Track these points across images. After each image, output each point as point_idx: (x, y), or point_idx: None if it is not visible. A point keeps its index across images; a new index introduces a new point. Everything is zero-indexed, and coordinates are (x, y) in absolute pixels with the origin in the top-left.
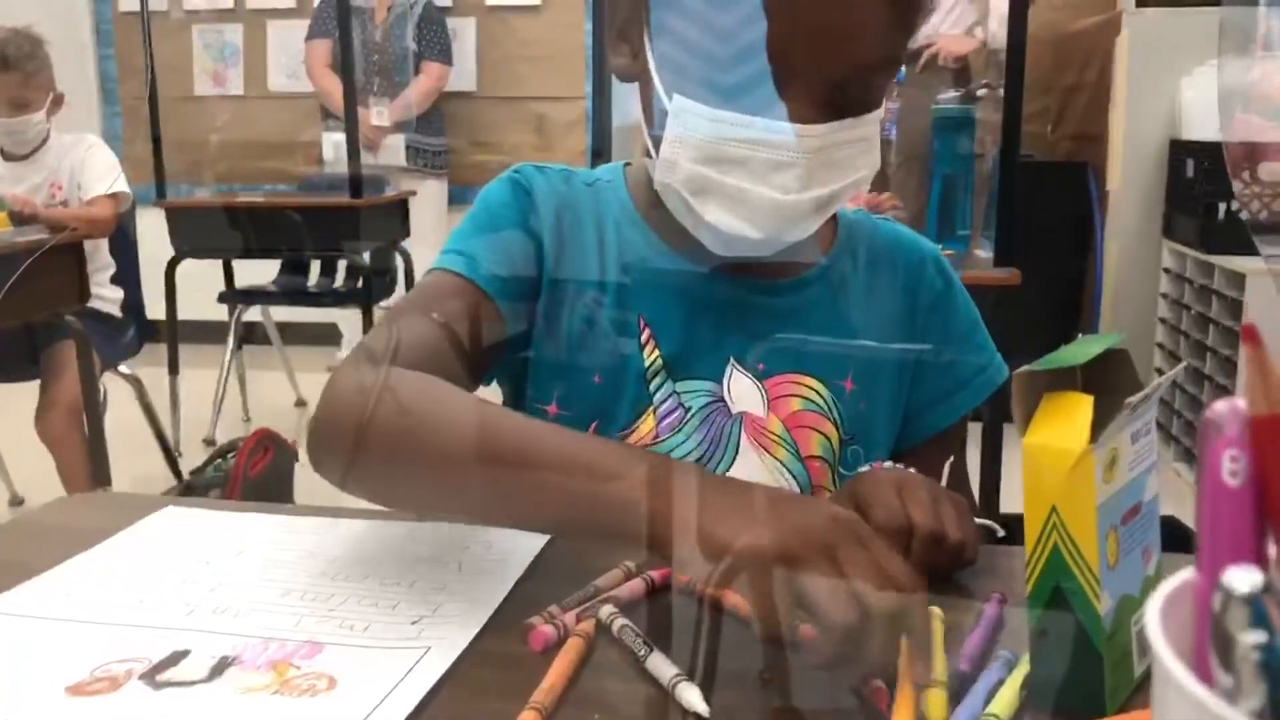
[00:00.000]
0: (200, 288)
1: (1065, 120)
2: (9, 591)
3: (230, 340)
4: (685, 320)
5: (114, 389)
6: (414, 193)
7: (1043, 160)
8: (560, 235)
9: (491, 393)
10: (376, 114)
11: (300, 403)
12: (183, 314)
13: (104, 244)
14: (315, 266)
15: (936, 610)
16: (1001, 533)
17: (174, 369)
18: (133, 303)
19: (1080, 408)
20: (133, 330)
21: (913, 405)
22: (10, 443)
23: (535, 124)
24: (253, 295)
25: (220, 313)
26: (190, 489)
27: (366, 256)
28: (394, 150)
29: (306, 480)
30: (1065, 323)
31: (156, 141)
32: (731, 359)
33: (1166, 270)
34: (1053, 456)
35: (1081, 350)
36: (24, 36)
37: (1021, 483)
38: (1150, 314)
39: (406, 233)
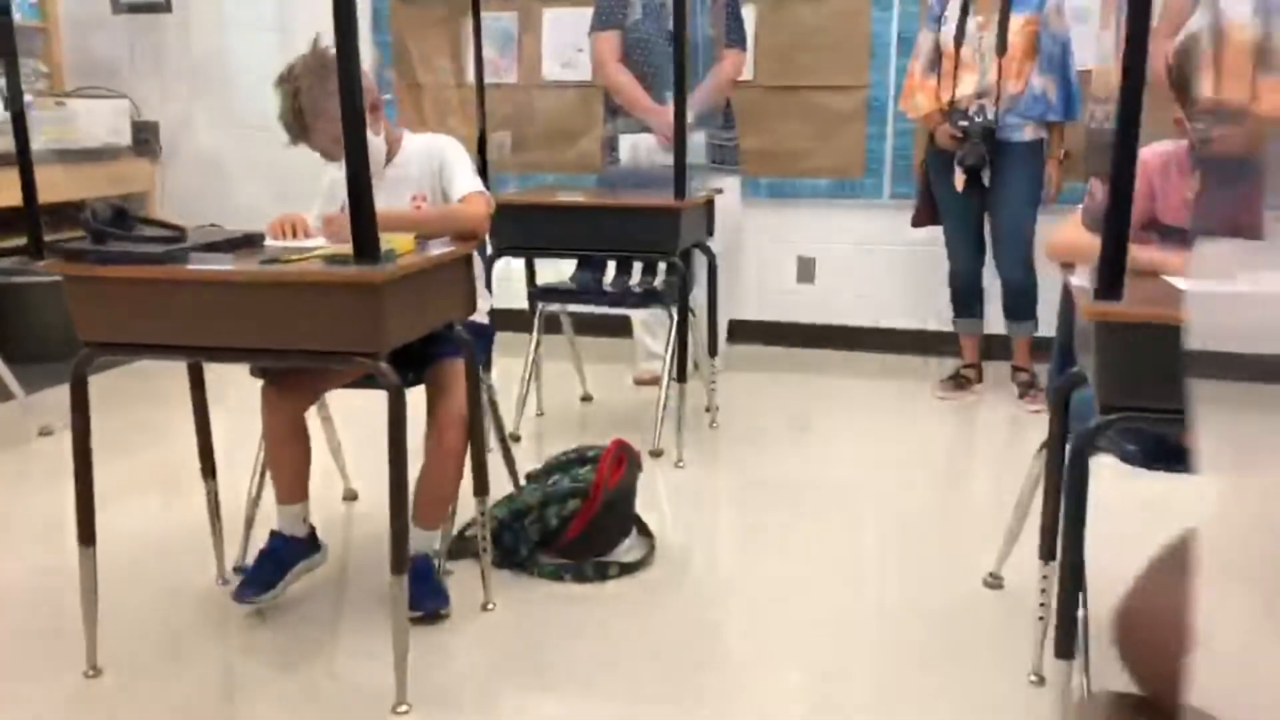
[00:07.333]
0: (505, 276)
1: None
2: None
3: (532, 340)
4: None
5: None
6: (720, 190)
7: None
8: None
9: None
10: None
11: (586, 398)
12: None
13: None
14: (611, 264)
15: None
16: None
17: (487, 366)
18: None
19: None
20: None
21: None
22: (347, 440)
23: (813, 113)
24: (554, 294)
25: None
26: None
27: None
28: (694, 148)
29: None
30: None
31: (482, 136)
32: None
33: None
34: None
35: None
36: (315, 67)
37: None
38: None
39: (711, 232)
